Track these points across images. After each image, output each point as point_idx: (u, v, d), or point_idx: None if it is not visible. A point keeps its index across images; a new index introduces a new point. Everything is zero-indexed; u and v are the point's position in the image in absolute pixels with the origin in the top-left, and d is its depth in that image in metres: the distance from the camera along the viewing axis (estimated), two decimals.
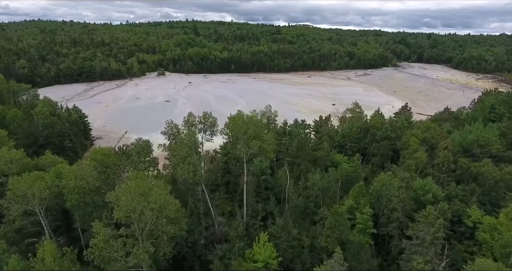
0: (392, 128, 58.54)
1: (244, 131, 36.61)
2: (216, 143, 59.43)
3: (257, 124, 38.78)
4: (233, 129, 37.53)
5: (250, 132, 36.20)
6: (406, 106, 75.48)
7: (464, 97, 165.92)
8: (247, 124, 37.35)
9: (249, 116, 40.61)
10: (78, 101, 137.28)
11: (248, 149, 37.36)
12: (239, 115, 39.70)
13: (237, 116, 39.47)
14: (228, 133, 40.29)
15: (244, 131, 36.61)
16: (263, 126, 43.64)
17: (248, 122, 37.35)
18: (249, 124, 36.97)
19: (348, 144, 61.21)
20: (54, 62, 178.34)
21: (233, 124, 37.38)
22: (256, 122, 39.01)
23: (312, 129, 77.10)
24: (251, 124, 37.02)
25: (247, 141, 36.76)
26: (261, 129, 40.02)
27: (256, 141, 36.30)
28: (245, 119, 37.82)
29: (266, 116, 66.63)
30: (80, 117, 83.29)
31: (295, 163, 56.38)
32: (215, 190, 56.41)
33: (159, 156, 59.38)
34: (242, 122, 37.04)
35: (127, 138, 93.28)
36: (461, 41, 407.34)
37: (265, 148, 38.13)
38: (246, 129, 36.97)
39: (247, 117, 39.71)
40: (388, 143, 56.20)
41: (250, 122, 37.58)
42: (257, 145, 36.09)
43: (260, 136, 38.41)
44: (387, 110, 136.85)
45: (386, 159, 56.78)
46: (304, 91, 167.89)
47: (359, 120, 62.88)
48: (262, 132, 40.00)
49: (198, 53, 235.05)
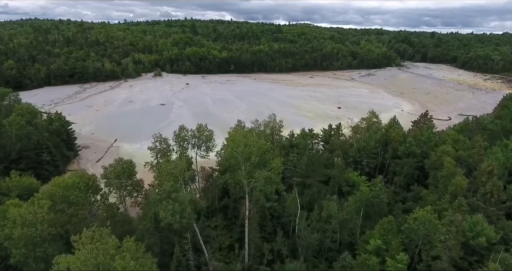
0: (416, 142, 50.44)
1: (246, 157, 28.56)
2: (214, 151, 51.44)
3: (262, 147, 30.71)
4: (233, 154, 29.46)
5: (254, 159, 28.21)
6: (427, 114, 67.30)
7: (476, 100, 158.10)
8: (249, 148, 29.23)
9: (251, 136, 32.24)
10: (67, 105, 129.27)
11: (251, 180, 29.34)
12: (240, 134, 31.64)
13: (237, 135, 31.42)
14: (226, 157, 32.07)
15: (246, 157, 28.56)
16: (269, 150, 35.20)
17: (251, 145, 29.21)
18: (252, 147, 28.89)
19: (365, 159, 53.12)
20: (45, 63, 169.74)
21: (232, 149, 29.27)
22: (261, 145, 30.93)
23: (320, 139, 69.13)
24: (254, 148, 28.94)
25: (249, 170, 28.74)
26: (267, 153, 31.95)
27: (262, 171, 28.25)
28: (247, 141, 29.63)
29: (270, 126, 58.44)
30: (63, 125, 75.02)
31: (305, 184, 48.35)
32: (211, 216, 48.31)
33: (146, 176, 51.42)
34: (243, 145, 28.89)
35: (116, 147, 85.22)
36: (465, 40, 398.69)
37: (273, 178, 30.08)
38: (248, 155, 28.88)
39: (248, 135, 31.46)
40: (413, 161, 48.11)
41: (253, 144, 29.48)
42: (263, 176, 28.08)
43: (266, 162, 30.36)
44: (397, 114, 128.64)
45: (411, 179, 48.71)
46: (307, 93, 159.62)
47: (377, 132, 54.76)
48: (268, 158, 31.97)
49: (196, 53, 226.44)
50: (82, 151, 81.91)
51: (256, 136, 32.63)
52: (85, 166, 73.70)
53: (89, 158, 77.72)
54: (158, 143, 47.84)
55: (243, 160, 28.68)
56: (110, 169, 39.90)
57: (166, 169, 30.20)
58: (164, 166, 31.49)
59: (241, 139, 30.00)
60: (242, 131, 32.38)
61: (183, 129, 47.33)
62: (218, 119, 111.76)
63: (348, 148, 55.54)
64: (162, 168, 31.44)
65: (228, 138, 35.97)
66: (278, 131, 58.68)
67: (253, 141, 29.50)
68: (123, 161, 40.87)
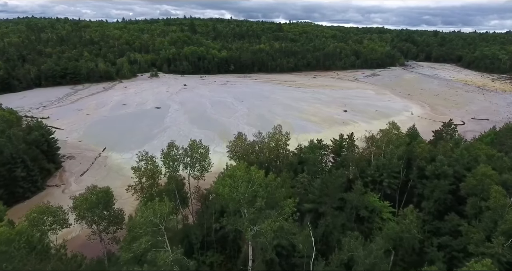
0: (448, 160, 42.94)
1: (250, 199, 21.11)
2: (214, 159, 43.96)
3: (270, 184, 23.20)
4: (232, 196, 21.96)
5: (261, 202, 20.82)
6: (451, 123, 59.60)
7: (487, 102, 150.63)
8: (253, 183, 21.70)
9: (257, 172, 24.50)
10: (56, 108, 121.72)
11: (255, 228, 21.93)
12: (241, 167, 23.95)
13: (238, 169, 23.68)
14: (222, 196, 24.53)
15: (250, 199, 21.11)
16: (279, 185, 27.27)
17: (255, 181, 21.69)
18: (258, 186, 21.42)
19: (386, 179, 45.60)
20: (35, 63, 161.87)
21: (231, 189, 21.77)
22: (269, 182, 23.41)
23: (330, 150, 61.50)
24: (260, 188, 21.47)
25: (254, 216, 21.34)
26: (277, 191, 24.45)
27: (271, 221, 20.80)
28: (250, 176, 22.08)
29: (275, 138, 50.89)
30: (43, 135, 67.35)
31: (318, 211, 40.91)
32: (206, 248, 40.84)
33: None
34: (246, 183, 21.38)
35: (104, 157, 77.61)
36: (469, 39, 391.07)
37: (287, 228, 22.58)
38: (252, 194, 21.39)
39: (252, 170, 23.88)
40: (446, 183, 40.60)
41: (259, 180, 21.94)
42: (273, 227, 20.63)
43: (276, 203, 22.94)
44: (407, 118, 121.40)
45: (443, 205, 41.21)
46: (310, 95, 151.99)
47: (400, 147, 47.22)
48: (278, 196, 24.51)
49: (195, 52, 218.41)
50: (66, 162, 74.26)
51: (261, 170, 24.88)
52: (68, 180, 66.24)
53: (73, 171, 70.16)
54: (144, 161, 40.18)
55: (246, 204, 21.39)
56: (80, 199, 32.32)
57: (143, 217, 22.70)
58: (140, 214, 23.79)
59: (243, 174, 22.61)
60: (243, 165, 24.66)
61: (173, 147, 39.76)
62: (216, 124, 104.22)
63: (366, 165, 48.01)
64: (137, 217, 23.83)
65: (224, 171, 28.16)
66: (284, 144, 51.12)
67: (259, 176, 22.17)
68: (97, 189, 33.27)
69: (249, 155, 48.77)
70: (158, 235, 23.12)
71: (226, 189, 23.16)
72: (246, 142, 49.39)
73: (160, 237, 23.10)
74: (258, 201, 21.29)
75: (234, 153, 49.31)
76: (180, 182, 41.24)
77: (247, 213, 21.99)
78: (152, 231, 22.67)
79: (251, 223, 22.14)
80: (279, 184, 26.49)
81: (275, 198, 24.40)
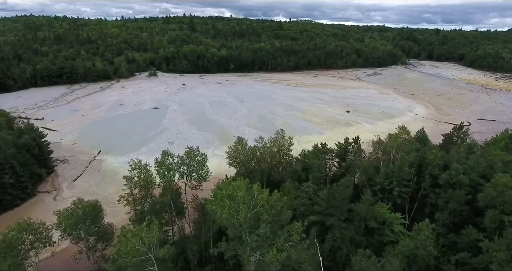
0: (463, 168, 40.00)
1: (253, 223, 18.23)
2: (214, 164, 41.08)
3: (275, 206, 20.25)
4: (231, 222, 19.01)
5: (265, 228, 17.93)
6: (462, 126, 56.56)
7: (492, 102, 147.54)
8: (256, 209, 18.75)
9: (261, 191, 21.43)
10: (52, 109, 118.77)
11: (257, 256, 19.07)
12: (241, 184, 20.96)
13: (238, 189, 20.69)
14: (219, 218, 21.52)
15: (253, 223, 18.23)
16: (286, 206, 24.08)
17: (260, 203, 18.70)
18: (262, 209, 18.48)
19: (396, 188, 42.67)
20: (31, 62, 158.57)
21: (231, 212, 18.81)
22: (273, 204, 20.42)
23: (335, 154, 58.60)
24: (264, 211, 18.52)
25: (257, 244, 18.45)
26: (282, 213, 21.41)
27: (276, 251, 17.90)
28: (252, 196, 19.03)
29: (278, 144, 47.95)
30: (35, 138, 64.37)
31: (324, 223, 38.02)
32: (204, 263, 38.03)
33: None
34: (248, 204, 18.42)
35: (99, 161, 74.67)
36: (471, 37, 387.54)
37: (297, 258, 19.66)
38: (255, 217, 18.49)
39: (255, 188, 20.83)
40: (462, 193, 37.68)
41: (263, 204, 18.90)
42: (279, 257, 17.75)
43: (283, 226, 20.00)
44: (411, 118, 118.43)
45: (458, 217, 38.30)
46: (312, 95, 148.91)
47: (410, 153, 44.27)
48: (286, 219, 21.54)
49: (194, 51, 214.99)
50: (59, 166, 71.31)
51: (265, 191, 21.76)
52: (60, 185, 63.33)
53: (66, 175, 67.22)
54: (136, 170, 37.20)
55: (247, 229, 18.51)
56: (65, 214, 29.39)
57: (129, 246, 19.63)
58: (125, 242, 20.60)
59: (244, 194, 19.60)
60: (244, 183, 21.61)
61: (168, 155, 36.77)
62: (216, 125, 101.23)
63: (375, 174, 45.07)
64: (122, 245, 20.75)
65: (222, 186, 25.04)
66: (287, 149, 48.20)
67: (262, 197, 19.13)
68: (84, 203, 30.32)
69: (249, 162, 45.88)
70: (147, 265, 20.21)
71: (225, 212, 20.15)
72: (246, 147, 46.40)
73: (149, 267, 20.18)
74: (261, 227, 18.45)
75: (234, 159, 46.42)
76: (176, 192, 38.32)
77: (249, 240, 19.17)
78: (139, 261, 19.79)
79: (253, 251, 19.31)
80: (285, 204, 23.53)
81: (281, 221, 21.49)
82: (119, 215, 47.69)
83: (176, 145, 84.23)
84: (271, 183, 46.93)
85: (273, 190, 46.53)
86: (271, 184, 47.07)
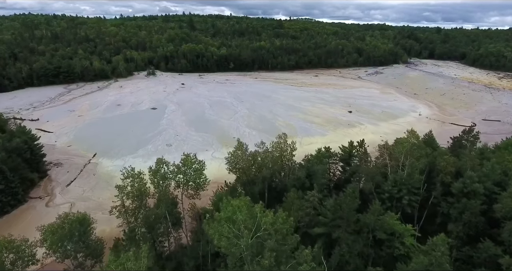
0: (478, 176, 37.58)
1: (257, 250, 15.82)
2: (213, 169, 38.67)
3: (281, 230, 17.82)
4: (230, 250, 16.60)
5: (269, 258, 15.50)
6: (472, 129, 54.10)
7: (496, 102, 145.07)
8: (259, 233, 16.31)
9: (265, 214, 18.89)
10: (47, 109, 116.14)
11: None
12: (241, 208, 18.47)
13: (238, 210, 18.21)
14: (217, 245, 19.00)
15: (257, 250, 15.82)
16: (291, 233, 21.38)
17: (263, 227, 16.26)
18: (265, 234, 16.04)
19: (406, 196, 40.28)
20: (27, 61, 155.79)
21: (230, 242, 16.35)
22: (279, 228, 18.00)
23: (339, 158, 56.24)
24: (267, 237, 16.08)
25: None
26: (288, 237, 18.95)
27: None
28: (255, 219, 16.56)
29: (280, 149, 45.49)
30: (26, 142, 61.88)
31: (330, 236, 35.65)
32: None
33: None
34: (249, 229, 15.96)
35: (94, 164, 72.18)
36: (473, 35, 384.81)
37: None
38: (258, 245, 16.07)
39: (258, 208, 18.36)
40: (477, 203, 35.30)
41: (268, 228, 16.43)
42: None
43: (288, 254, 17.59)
44: (414, 119, 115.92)
45: (473, 229, 35.89)
46: (313, 94, 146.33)
47: (420, 159, 41.82)
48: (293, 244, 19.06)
49: (193, 50, 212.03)
50: (52, 170, 68.82)
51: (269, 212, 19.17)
52: (53, 191, 60.87)
53: (59, 180, 64.73)
54: (129, 179, 34.72)
55: (250, 256, 16.09)
56: (50, 230, 26.94)
57: None
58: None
59: (245, 217, 17.11)
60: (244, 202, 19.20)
61: (162, 163, 34.28)
62: (215, 126, 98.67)
63: (383, 181, 42.63)
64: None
65: (217, 202, 22.48)
66: (289, 155, 45.76)
67: (266, 221, 16.65)
68: (71, 218, 27.83)
69: (250, 168, 43.46)
70: None
71: (223, 240, 17.58)
72: (247, 153, 43.96)
73: None
74: (266, 256, 16.05)
75: (234, 165, 44.01)
76: (172, 202, 35.89)
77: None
78: None
79: None
80: (291, 226, 21.03)
81: (287, 245, 19.05)
82: (114, 222, 45.06)
83: (174, 147, 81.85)
84: (272, 190, 44.59)
85: (275, 198, 44.45)
86: (272, 191, 44.73)
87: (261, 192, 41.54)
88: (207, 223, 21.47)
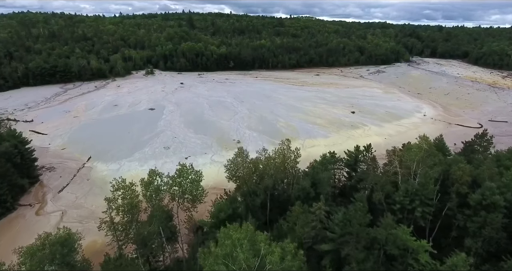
0: (498, 186, 34.75)
1: None
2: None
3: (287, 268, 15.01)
4: None
5: None
6: (485, 134, 51.20)
7: (502, 102, 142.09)
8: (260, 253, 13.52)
9: (268, 245, 16.19)
10: (42, 110, 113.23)
11: None
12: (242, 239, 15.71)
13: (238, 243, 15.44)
14: None
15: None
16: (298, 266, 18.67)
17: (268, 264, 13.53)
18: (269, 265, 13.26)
19: (419, 208, 37.45)
20: (23, 60, 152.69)
21: None
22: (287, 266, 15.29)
23: (344, 163, 53.51)
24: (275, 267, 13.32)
25: None
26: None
27: None
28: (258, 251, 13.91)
29: (283, 154, 42.64)
30: (16, 146, 59.02)
31: (339, 253, 32.86)
32: None
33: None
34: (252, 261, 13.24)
35: (89, 169, 69.34)
36: (475, 34, 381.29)
37: None
38: None
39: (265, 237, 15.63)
40: (499, 217, 32.49)
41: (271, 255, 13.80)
42: None
43: None
44: (419, 119, 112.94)
45: (494, 245, 33.09)
46: (314, 94, 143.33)
47: (434, 168, 39.00)
48: None
49: (193, 49, 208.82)
50: (45, 175, 65.99)
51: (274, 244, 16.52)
52: (44, 197, 58.07)
53: (51, 186, 61.91)
54: (120, 191, 31.86)
55: None
56: (28, 252, 24.15)
57: None
58: None
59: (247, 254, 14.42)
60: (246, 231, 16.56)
61: (156, 174, 31.42)
62: (215, 128, 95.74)
63: (391, 189, 39.80)
64: None
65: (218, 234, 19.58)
66: (293, 162, 42.92)
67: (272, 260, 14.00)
68: (52, 239, 24.97)
69: (251, 177, 40.65)
70: None
71: (223, 264, 14.90)
72: (247, 159, 41.13)
73: None
74: None
75: (234, 173, 41.19)
76: (166, 215, 33.09)
77: None
78: None
79: None
80: (301, 261, 18.29)
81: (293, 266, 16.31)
82: None
83: (172, 150, 79.04)
84: (275, 199, 41.80)
85: (278, 208, 41.68)
86: (275, 200, 41.96)
87: (263, 203, 38.78)
88: (202, 255, 18.73)
